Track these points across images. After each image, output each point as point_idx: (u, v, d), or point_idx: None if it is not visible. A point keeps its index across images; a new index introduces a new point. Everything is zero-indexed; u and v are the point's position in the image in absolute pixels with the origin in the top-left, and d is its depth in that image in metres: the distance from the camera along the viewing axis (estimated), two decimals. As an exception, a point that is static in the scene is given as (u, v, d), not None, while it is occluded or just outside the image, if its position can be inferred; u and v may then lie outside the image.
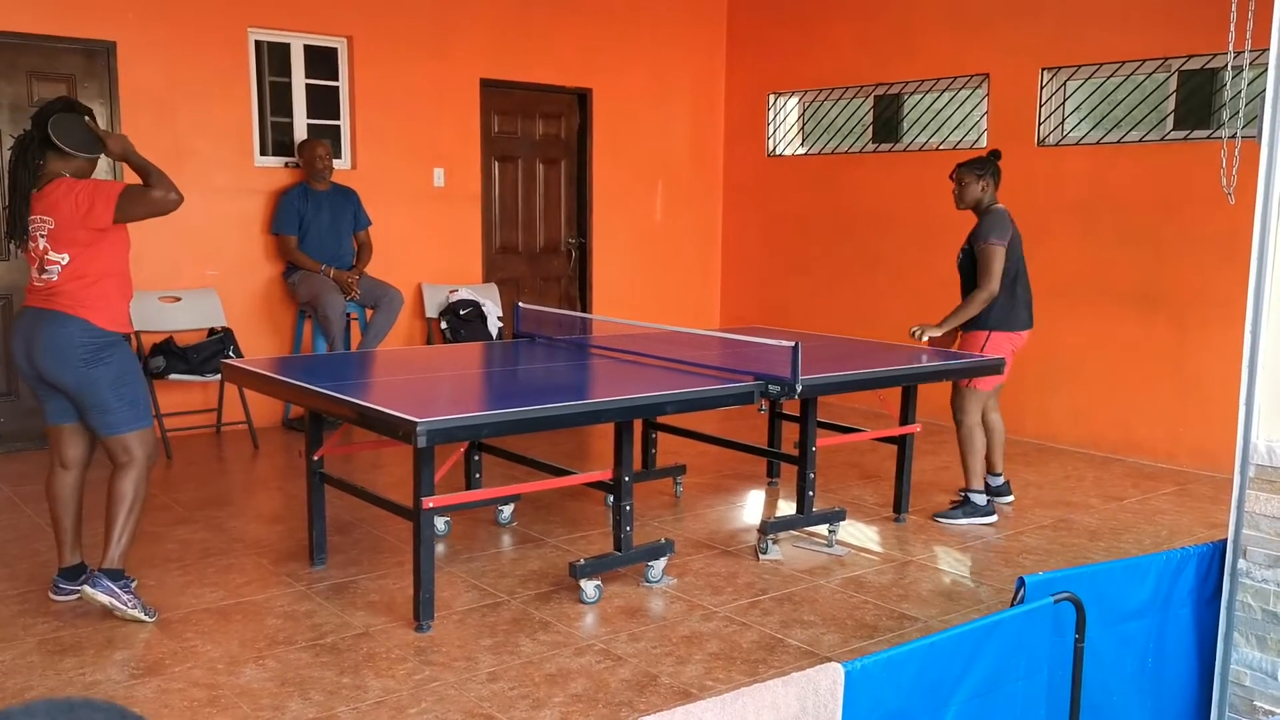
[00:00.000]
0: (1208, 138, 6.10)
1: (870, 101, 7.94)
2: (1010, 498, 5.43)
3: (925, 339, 5.08)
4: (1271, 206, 2.86)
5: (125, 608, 3.75)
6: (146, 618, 3.78)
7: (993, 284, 4.93)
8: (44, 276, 3.74)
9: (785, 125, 8.54)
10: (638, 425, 5.18)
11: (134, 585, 3.86)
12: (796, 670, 2.32)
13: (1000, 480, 5.40)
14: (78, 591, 3.92)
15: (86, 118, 3.85)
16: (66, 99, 3.91)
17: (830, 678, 2.24)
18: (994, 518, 5.13)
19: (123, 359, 3.83)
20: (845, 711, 2.26)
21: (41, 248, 3.72)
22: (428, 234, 7.53)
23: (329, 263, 6.82)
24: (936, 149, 7.47)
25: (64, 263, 3.70)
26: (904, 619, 3.96)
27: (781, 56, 8.38)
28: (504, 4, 7.63)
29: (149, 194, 3.69)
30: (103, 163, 4.22)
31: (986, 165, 5.06)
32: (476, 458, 5.07)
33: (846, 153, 8.07)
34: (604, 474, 4.27)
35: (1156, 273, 6.30)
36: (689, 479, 5.68)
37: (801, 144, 8.50)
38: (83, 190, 3.69)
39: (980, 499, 5.12)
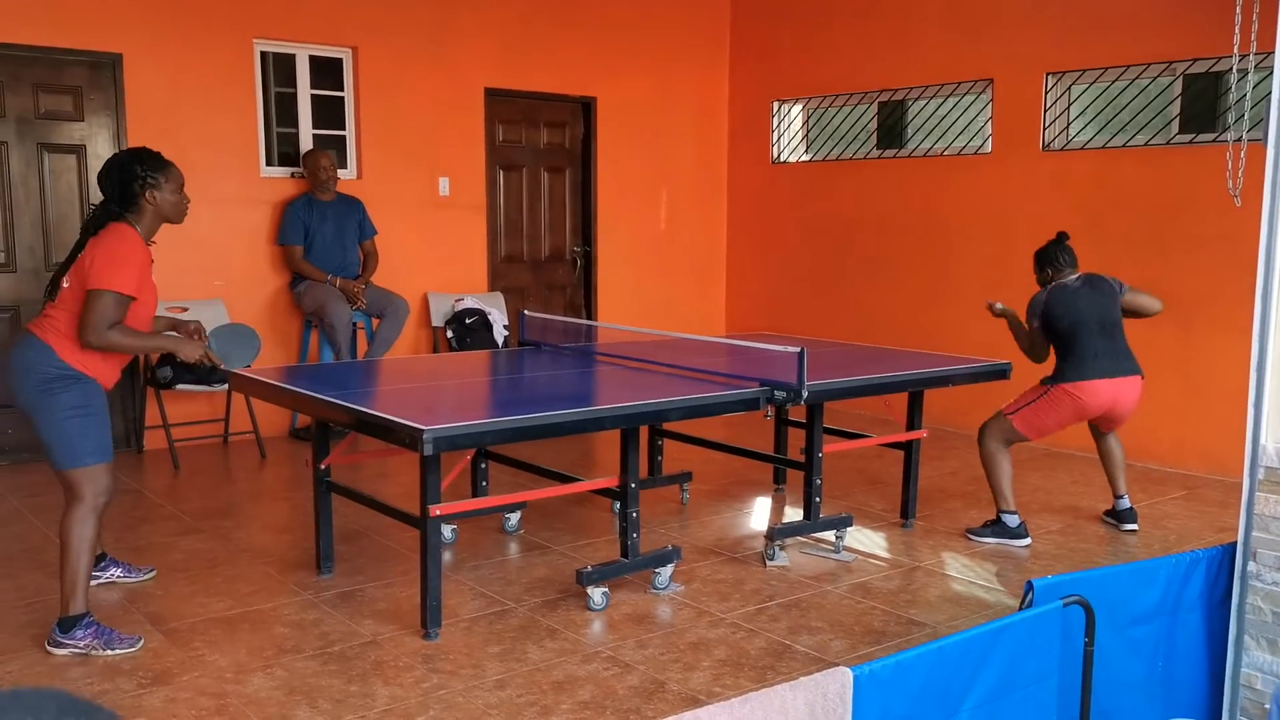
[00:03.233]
0: (1213, 141, 6.09)
1: (874, 107, 7.94)
2: (1133, 525, 5.09)
3: (999, 308, 5.14)
4: (1278, 209, 2.85)
5: (98, 652, 3.59)
6: (124, 650, 3.62)
7: (1026, 353, 5.06)
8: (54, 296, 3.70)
9: (789, 132, 8.55)
10: (644, 432, 5.18)
11: (90, 629, 3.62)
12: (805, 676, 2.31)
13: (1125, 504, 5.15)
14: (99, 577, 4.13)
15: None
16: (135, 152, 3.79)
17: (839, 683, 2.24)
18: (1026, 541, 4.90)
19: (80, 395, 3.63)
20: (854, 717, 2.26)
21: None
22: (433, 243, 7.54)
23: (335, 272, 6.83)
24: (941, 154, 7.47)
25: (65, 286, 3.65)
26: (912, 624, 3.95)
27: (785, 63, 8.39)
28: (507, 13, 7.65)
29: (90, 318, 3.52)
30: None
31: (1042, 257, 5.03)
32: (483, 465, 5.07)
33: (851, 159, 8.07)
34: (610, 481, 4.27)
35: (1163, 276, 6.28)
36: (695, 485, 5.67)
37: (806, 150, 8.51)
38: (102, 245, 3.61)
39: (1012, 520, 4.93)
